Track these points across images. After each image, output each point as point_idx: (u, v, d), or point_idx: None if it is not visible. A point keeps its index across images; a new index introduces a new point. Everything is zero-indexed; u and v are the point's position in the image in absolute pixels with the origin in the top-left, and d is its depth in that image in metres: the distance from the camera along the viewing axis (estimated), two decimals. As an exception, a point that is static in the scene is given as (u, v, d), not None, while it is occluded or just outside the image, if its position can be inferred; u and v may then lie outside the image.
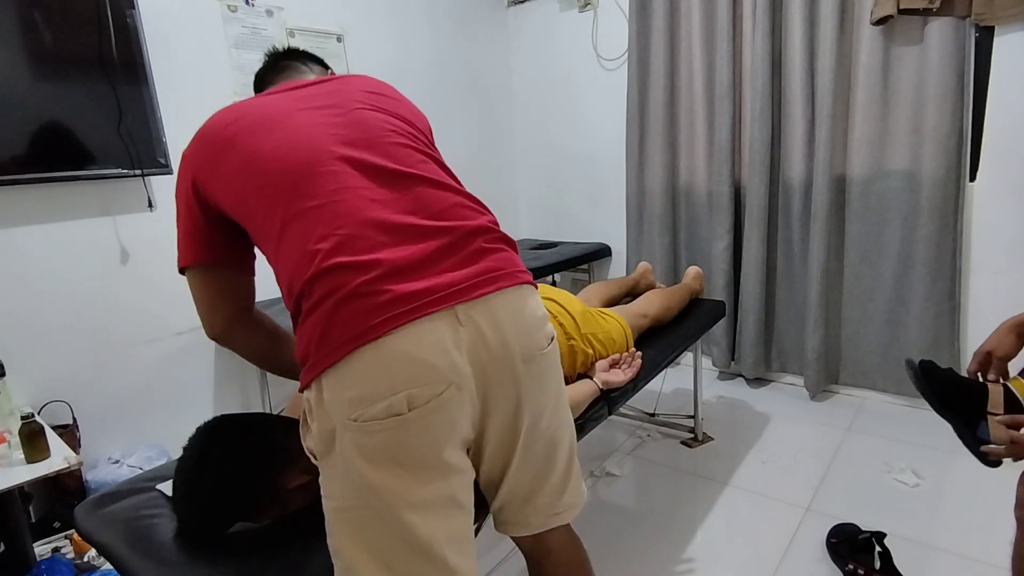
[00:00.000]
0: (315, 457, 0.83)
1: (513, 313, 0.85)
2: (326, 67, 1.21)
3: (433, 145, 1.00)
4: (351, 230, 0.78)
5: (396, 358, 0.74)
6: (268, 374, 2.34)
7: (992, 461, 1.02)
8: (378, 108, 0.95)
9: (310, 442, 0.83)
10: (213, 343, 1.01)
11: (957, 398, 1.10)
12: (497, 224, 0.91)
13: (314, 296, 0.76)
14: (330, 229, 0.78)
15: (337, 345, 0.74)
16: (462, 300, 0.79)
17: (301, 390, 0.81)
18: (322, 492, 0.83)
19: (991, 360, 1.12)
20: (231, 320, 0.99)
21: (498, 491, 0.94)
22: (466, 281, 0.80)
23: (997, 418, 1.02)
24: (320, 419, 0.78)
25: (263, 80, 1.16)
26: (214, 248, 0.95)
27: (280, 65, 1.16)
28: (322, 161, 0.83)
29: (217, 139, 0.90)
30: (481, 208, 0.92)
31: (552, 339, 0.93)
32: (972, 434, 1.05)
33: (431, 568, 0.80)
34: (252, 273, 1.01)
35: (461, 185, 0.93)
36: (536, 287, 0.94)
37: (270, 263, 0.88)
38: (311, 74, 1.15)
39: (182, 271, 0.98)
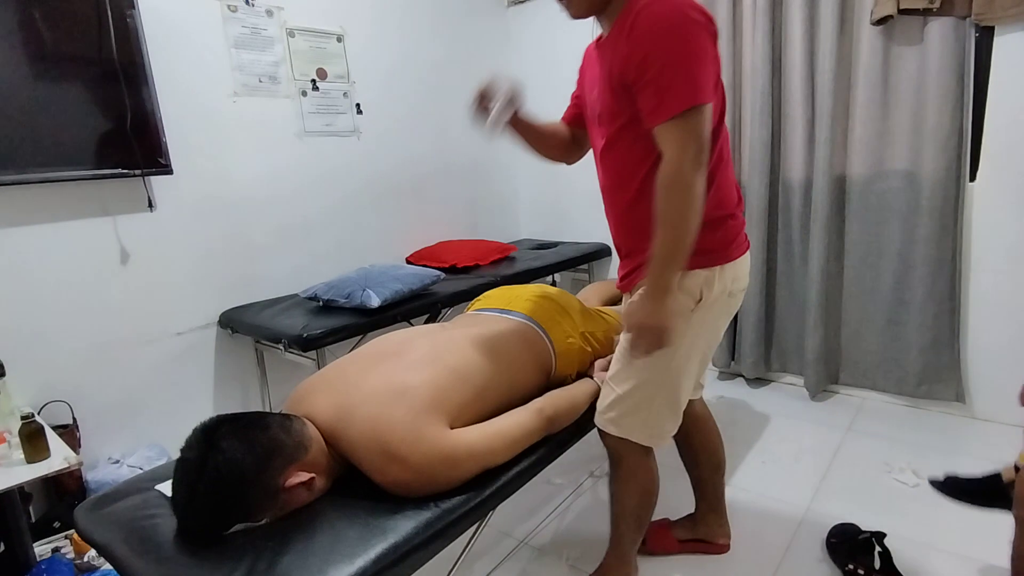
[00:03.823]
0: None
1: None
2: None
3: None
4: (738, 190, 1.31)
5: (744, 266, 1.30)
6: (267, 373, 2.35)
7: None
8: None
9: (685, 298, 1.22)
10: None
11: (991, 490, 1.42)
12: None
13: (733, 219, 1.26)
14: (734, 182, 1.31)
15: (734, 249, 1.26)
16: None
17: (694, 267, 1.19)
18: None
19: None
20: (706, 164, 1.10)
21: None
22: None
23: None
24: (711, 288, 1.23)
25: None
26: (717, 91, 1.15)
27: None
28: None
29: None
30: None
31: None
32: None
33: (681, 403, 1.33)
34: None
35: None
36: None
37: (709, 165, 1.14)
38: None
39: (698, 107, 1.05)
